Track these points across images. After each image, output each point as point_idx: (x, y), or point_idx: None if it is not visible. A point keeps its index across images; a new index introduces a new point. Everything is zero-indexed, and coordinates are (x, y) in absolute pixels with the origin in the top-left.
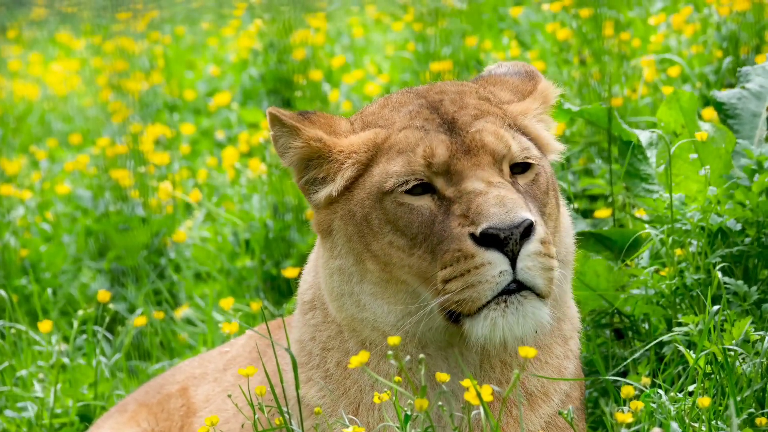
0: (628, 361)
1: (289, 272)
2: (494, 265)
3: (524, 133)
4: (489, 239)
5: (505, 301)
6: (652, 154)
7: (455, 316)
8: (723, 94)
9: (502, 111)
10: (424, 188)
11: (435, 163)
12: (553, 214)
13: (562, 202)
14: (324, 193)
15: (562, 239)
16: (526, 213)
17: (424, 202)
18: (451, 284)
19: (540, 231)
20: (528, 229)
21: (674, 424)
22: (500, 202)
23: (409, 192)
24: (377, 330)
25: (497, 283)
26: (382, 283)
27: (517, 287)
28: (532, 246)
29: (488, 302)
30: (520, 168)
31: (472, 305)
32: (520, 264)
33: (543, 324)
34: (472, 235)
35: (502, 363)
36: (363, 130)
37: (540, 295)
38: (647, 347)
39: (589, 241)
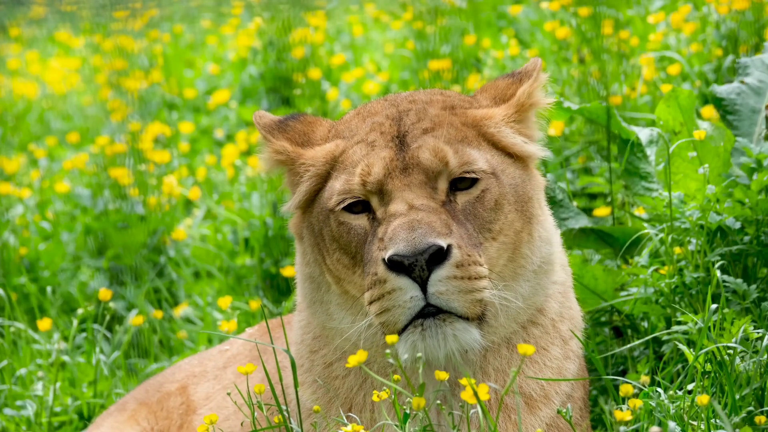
0: (628, 359)
1: (289, 271)
2: (404, 290)
3: (492, 141)
4: (396, 265)
5: (422, 325)
6: (651, 153)
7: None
8: (722, 89)
9: (463, 121)
10: (364, 206)
11: (369, 182)
12: (505, 230)
13: (539, 211)
14: (289, 204)
15: (536, 248)
16: (435, 239)
17: (361, 222)
18: (372, 306)
19: (456, 254)
20: (436, 255)
21: (671, 424)
22: (411, 227)
23: (349, 210)
24: (347, 340)
25: (409, 308)
26: (343, 295)
27: (436, 310)
28: (443, 271)
29: (407, 325)
30: (467, 182)
31: (392, 328)
32: (430, 289)
33: (470, 344)
34: (383, 260)
35: (495, 371)
36: (334, 138)
37: (464, 317)
38: (643, 341)
39: (589, 237)
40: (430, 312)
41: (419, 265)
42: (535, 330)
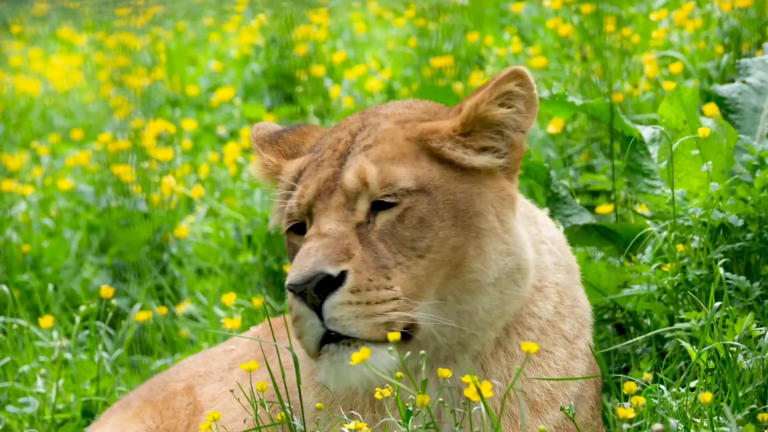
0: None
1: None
2: (305, 317)
3: (438, 155)
4: (294, 293)
5: (329, 350)
6: (654, 150)
7: None
8: (724, 89)
9: (408, 135)
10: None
11: (302, 204)
12: (435, 247)
13: (496, 224)
14: (270, 222)
15: (491, 262)
16: (325, 266)
17: (300, 243)
18: (291, 331)
19: (352, 280)
20: (324, 283)
21: (674, 421)
22: (306, 254)
23: (296, 231)
24: None
25: (312, 334)
26: None
27: (338, 336)
28: (336, 297)
29: (318, 351)
30: (398, 196)
31: (309, 353)
32: (325, 315)
33: (380, 367)
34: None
35: (499, 379)
36: (310, 151)
37: (372, 341)
38: (646, 338)
39: (592, 234)
40: (333, 337)
41: (308, 293)
42: (530, 334)
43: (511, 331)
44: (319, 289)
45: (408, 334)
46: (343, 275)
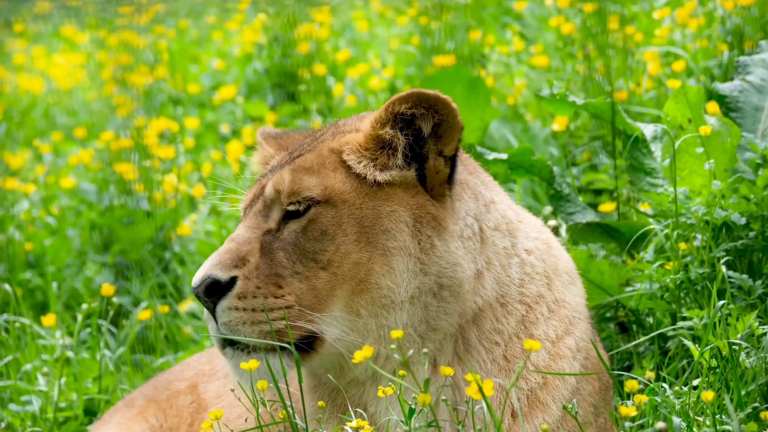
0: (633, 355)
1: None
2: (208, 319)
3: (348, 167)
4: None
5: (226, 354)
6: (656, 148)
7: None
8: (725, 87)
9: (332, 147)
10: None
11: (241, 208)
12: (337, 261)
13: (409, 243)
14: None
15: (401, 281)
16: (217, 271)
17: None
18: None
19: (240, 286)
20: (213, 287)
21: (677, 419)
22: (209, 259)
23: None
24: None
25: (213, 336)
26: None
27: (230, 341)
28: (224, 302)
29: (223, 351)
30: (299, 211)
31: (220, 352)
32: (218, 319)
33: (271, 375)
34: None
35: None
36: None
37: (257, 348)
38: (649, 337)
39: (595, 232)
40: (231, 341)
41: (201, 296)
42: (496, 349)
43: (472, 341)
44: (211, 293)
45: (308, 347)
46: (233, 281)
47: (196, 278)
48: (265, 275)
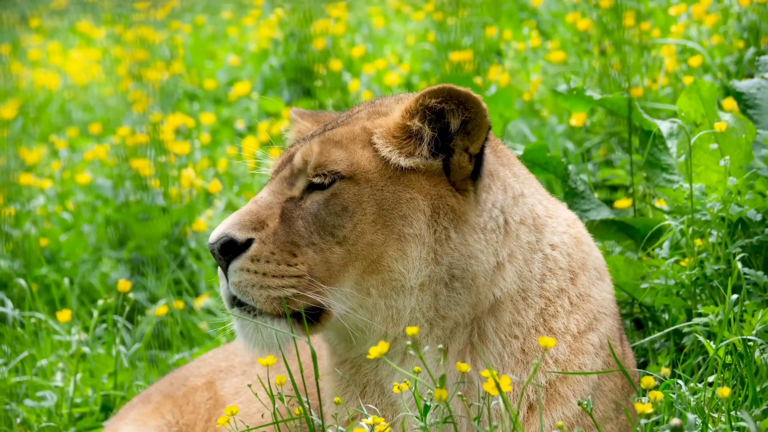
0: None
1: None
2: (220, 277)
3: (375, 150)
4: (211, 252)
5: (234, 313)
6: (672, 144)
7: None
8: (742, 84)
9: (364, 126)
10: None
11: (270, 173)
12: (352, 239)
13: (425, 231)
14: None
15: (413, 268)
16: (234, 231)
17: None
18: None
19: (255, 248)
20: (228, 246)
21: (692, 416)
22: (229, 218)
23: None
24: None
25: (223, 294)
26: None
27: (238, 301)
28: (237, 263)
29: (231, 309)
30: (325, 183)
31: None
32: (229, 278)
33: (276, 341)
34: None
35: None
36: None
37: (269, 313)
38: (664, 333)
39: (611, 228)
40: (240, 301)
41: (216, 253)
42: (514, 342)
43: (488, 332)
44: (226, 252)
45: (314, 318)
46: (249, 242)
47: (214, 235)
48: (282, 242)
